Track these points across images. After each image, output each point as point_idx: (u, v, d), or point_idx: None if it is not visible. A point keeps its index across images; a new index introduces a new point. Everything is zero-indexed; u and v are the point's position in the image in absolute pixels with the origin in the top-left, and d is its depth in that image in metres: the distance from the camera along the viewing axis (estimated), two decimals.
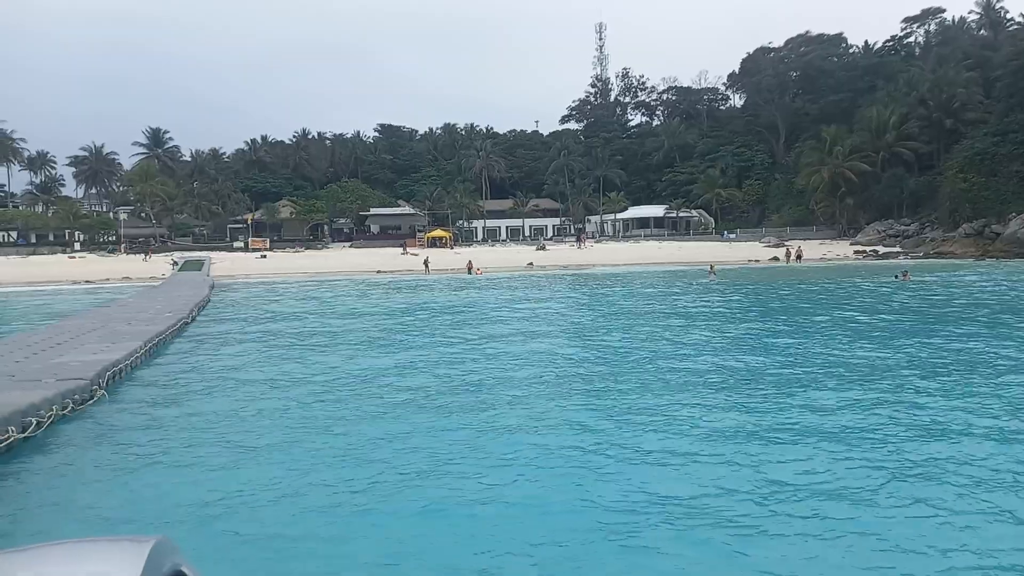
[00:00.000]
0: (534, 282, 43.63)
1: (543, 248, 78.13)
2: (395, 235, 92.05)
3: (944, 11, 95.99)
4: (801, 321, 21.85)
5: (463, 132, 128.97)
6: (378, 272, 57.76)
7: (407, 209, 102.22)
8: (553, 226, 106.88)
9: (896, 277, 36.00)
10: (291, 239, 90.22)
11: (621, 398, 11.68)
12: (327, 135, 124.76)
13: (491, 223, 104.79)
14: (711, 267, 43.59)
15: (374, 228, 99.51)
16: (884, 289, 31.98)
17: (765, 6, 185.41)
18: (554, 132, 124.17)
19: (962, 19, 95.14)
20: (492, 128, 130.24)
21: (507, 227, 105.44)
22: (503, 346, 17.84)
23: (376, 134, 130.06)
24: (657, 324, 21.79)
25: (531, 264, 63.08)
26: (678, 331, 19.79)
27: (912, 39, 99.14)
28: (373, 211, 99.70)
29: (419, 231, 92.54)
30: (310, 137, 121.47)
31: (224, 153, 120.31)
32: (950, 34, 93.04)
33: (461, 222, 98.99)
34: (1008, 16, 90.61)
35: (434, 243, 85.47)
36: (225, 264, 62.32)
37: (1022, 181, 62.28)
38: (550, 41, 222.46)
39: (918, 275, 38.76)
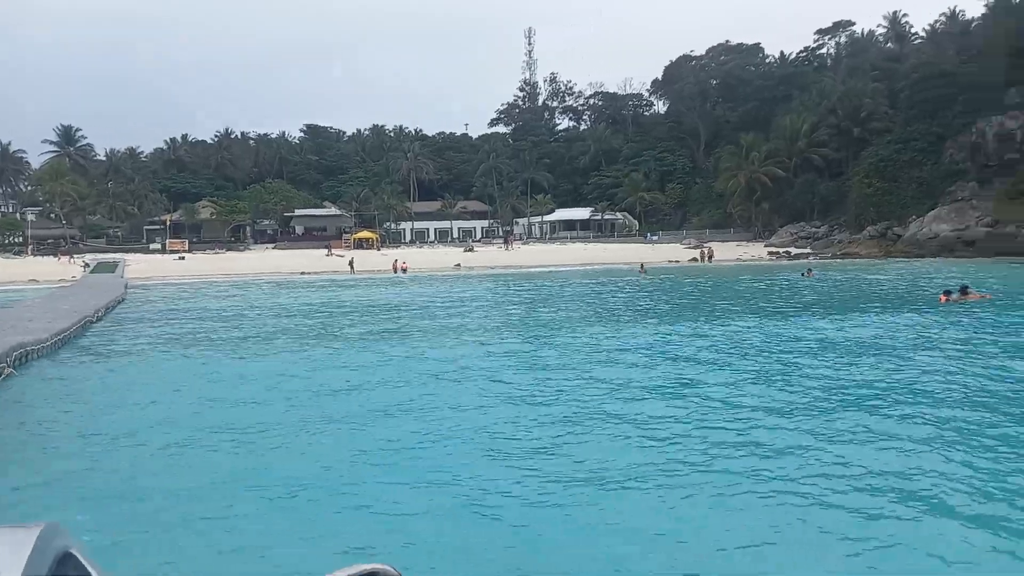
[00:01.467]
0: (459, 282, 43.86)
1: (471, 250, 78.41)
2: (320, 237, 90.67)
3: (854, 24, 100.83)
4: (716, 306, 25.43)
5: (391, 134, 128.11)
6: (302, 273, 56.95)
7: (333, 210, 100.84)
8: (482, 228, 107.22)
9: (802, 275, 37.82)
10: (211, 240, 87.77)
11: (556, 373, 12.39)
12: (251, 135, 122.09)
13: (419, 225, 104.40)
14: (642, 266, 47.51)
15: (299, 229, 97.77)
16: (789, 283, 33.85)
17: (687, 15, 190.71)
18: (483, 135, 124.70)
19: (871, 32, 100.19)
20: (421, 130, 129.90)
21: (435, 229, 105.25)
22: (409, 342, 18.00)
23: (302, 135, 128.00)
24: (591, 312, 22.63)
25: (458, 265, 63.31)
26: (608, 318, 20.51)
27: (824, 51, 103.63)
28: (298, 212, 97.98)
29: (345, 233, 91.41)
30: (233, 137, 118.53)
31: (142, 152, 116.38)
32: (859, 46, 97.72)
33: (388, 224, 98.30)
34: (912, 30, 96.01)
35: (360, 245, 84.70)
36: (141, 266, 60.27)
37: (921, 186, 66.01)
38: (479, 44, 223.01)
39: (824, 272, 40.87)
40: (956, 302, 21.52)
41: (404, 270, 55.77)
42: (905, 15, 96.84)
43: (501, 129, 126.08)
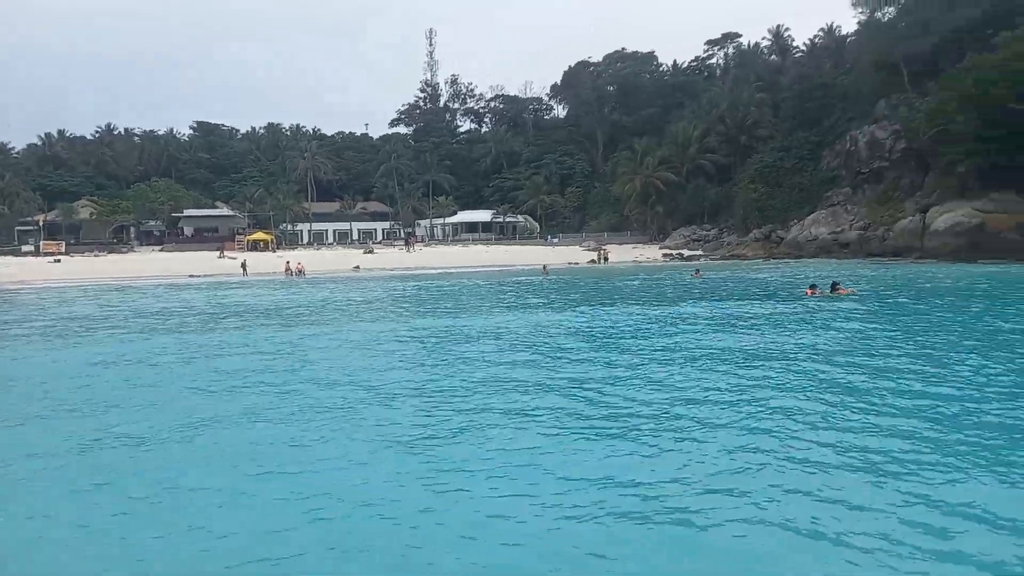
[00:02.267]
0: (358, 284, 43.08)
1: (371, 251, 77.24)
2: (212, 238, 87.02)
3: (741, 36, 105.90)
4: (614, 300, 27.39)
5: (288, 132, 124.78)
6: (190, 276, 54.46)
7: (225, 211, 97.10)
8: (382, 230, 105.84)
9: (692, 275, 39.34)
10: (91, 242, 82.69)
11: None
12: (136, 131, 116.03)
13: (317, 226, 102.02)
14: (544, 267, 49.54)
15: (188, 231, 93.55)
16: (679, 282, 35.23)
17: (585, 21, 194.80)
18: (384, 135, 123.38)
19: (756, 44, 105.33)
20: (319, 129, 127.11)
21: (334, 230, 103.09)
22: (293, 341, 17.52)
23: (192, 132, 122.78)
24: (494, 308, 22.65)
25: (358, 267, 62.21)
26: (513, 310, 20.55)
27: (713, 61, 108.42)
28: (187, 212, 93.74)
29: (239, 234, 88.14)
30: (116, 133, 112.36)
31: (13, 148, 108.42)
32: (745, 58, 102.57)
33: (285, 225, 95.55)
34: (794, 44, 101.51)
35: (255, 246, 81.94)
36: (11, 269, 56.05)
37: (801, 192, 69.90)
38: (380, 44, 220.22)
39: (712, 272, 42.61)
40: (824, 296, 23.41)
41: (300, 272, 54.27)
42: (787, 29, 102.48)
43: (402, 130, 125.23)
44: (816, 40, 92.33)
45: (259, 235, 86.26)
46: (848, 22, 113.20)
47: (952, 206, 49.41)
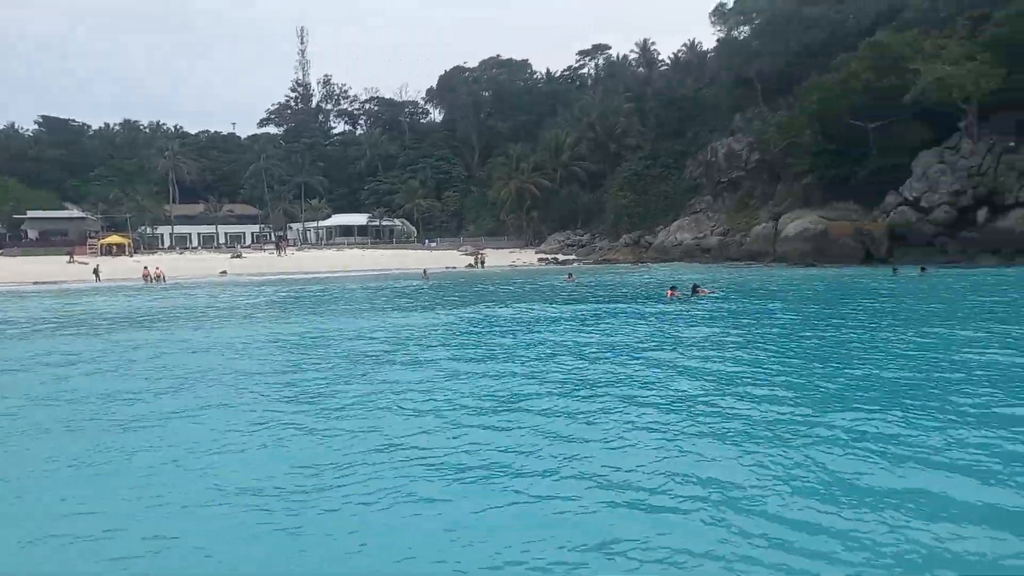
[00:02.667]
0: (223, 289, 41.16)
1: (239, 256, 74.14)
2: (61, 242, 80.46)
3: (610, 48, 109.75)
4: (491, 302, 28.08)
5: (147, 130, 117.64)
6: (34, 283, 50.27)
7: (76, 212, 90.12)
8: (252, 233, 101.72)
9: (565, 279, 40.37)
10: None
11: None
12: None
13: (180, 229, 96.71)
14: (425, 271, 50.00)
15: (33, 234, 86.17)
16: (553, 285, 36.08)
17: (460, 27, 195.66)
18: (252, 135, 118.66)
19: (625, 56, 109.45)
20: (182, 127, 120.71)
21: (199, 233, 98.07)
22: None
23: (37, 127, 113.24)
24: (365, 312, 22.08)
25: (224, 272, 59.61)
26: (390, 313, 20.18)
27: (585, 71, 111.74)
28: (31, 214, 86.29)
29: (91, 237, 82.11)
30: None
31: None
32: (614, 69, 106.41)
33: (143, 228, 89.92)
34: (660, 57, 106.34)
35: (110, 250, 76.69)
36: None
37: (668, 199, 73.32)
38: (246, 41, 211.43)
39: (585, 276, 43.90)
40: (686, 298, 24.71)
41: (160, 278, 51.25)
42: (654, 43, 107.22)
43: (272, 130, 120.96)
44: (680, 55, 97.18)
45: (114, 239, 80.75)
46: (708, 39, 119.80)
47: (800, 214, 53.38)
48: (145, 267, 53.69)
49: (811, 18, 62.56)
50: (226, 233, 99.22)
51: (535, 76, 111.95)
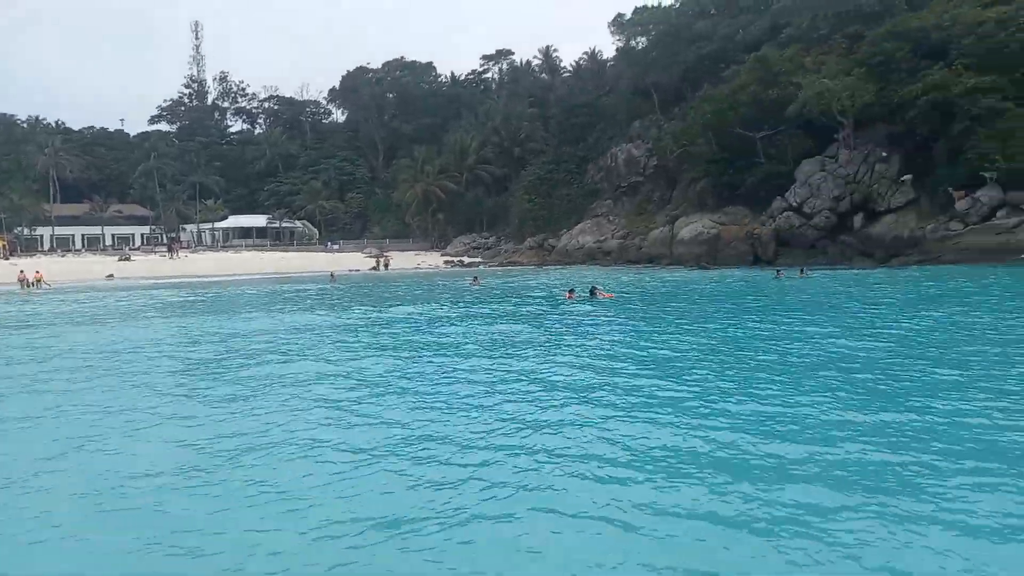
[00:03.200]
0: (107, 295, 39.11)
1: (127, 258, 70.55)
2: None
3: (514, 53, 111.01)
4: (397, 303, 28.42)
5: (24, 124, 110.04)
6: None
7: None
8: (142, 235, 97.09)
9: (470, 282, 40.59)
10: None
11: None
12: None
13: (62, 230, 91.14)
14: (332, 274, 49.38)
15: None
16: (459, 288, 36.30)
17: (362, 26, 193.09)
18: (143, 132, 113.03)
19: (528, 62, 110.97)
20: (64, 123, 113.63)
21: (83, 235, 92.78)
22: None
23: None
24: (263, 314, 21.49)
25: (111, 276, 56.63)
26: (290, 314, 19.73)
27: (489, 75, 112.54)
28: None
29: None
30: None
31: None
32: (518, 74, 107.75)
33: (20, 228, 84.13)
34: (562, 64, 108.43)
35: None
36: None
37: (570, 203, 74.83)
38: (137, 34, 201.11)
39: (489, 279, 44.30)
40: (584, 299, 25.41)
41: (39, 282, 48.12)
42: (556, 50, 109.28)
43: (164, 127, 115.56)
44: (581, 62, 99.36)
45: None
46: (609, 48, 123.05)
47: (694, 218, 55.71)
48: (21, 271, 50.25)
49: (703, 32, 65.45)
50: (113, 235, 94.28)
51: (439, 79, 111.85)
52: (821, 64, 50.86)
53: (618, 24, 75.02)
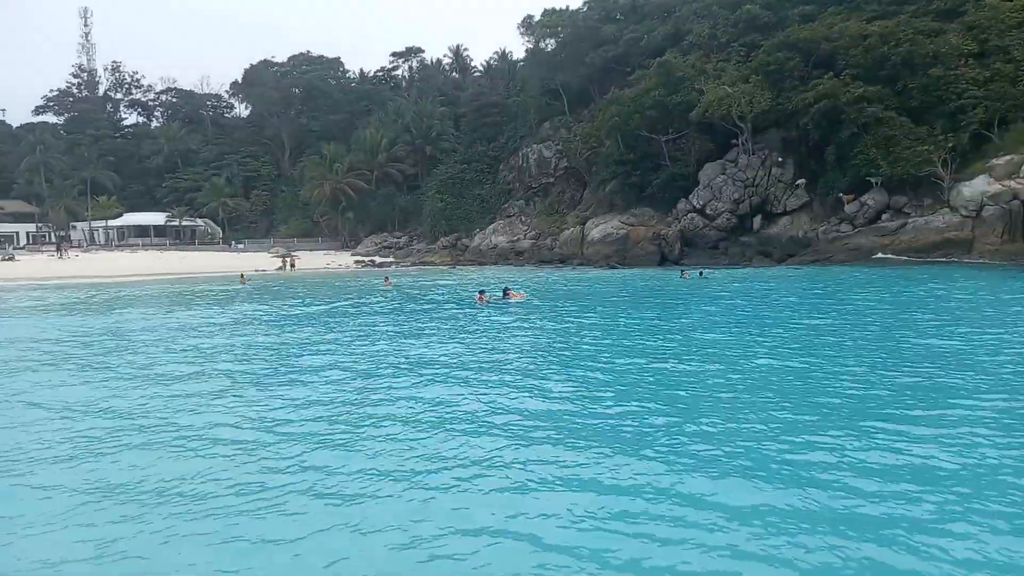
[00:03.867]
0: None
1: (10, 258, 66.14)
2: None
3: (424, 51, 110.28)
4: (308, 303, 28.45)
5: None
6: None
7: None
8: (28, 233, 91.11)
9: (382, 282, 40.20)
10: None
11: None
12: None
13: None
14: (242, 275, 47.12)
15: None
16: (371, 288, 35.90)
17: (266, 19, 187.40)
18: (27, 124, 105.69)
19: (438, 60, 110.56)
20: None
21: None
22: None
23: None
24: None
25: None
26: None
27: (399, 72, 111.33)
28: None
29: None
30: None
31: None
32: (428, 72, 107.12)
33: None
34: (473, 64, 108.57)
35: None
36: None
37: (483, 203, 75.02)
38: (19, 19, 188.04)
39: (401, 279, 43.98)
40: (497, 302, 25.44)
41: None
42: (466, 49, 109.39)
43: (51, 119, 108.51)
44: (491, 62, 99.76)
45: None
46: (519, 49, 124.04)
47: (604, 219, 56.99)
48: None
49: (609, 36, 66.87)
50: None
51: (348, 75, 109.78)
52: (721, 71, 53.06)
53: (527, 25, 75.72)
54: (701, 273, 36.98)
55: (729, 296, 26.73)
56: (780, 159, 50.15)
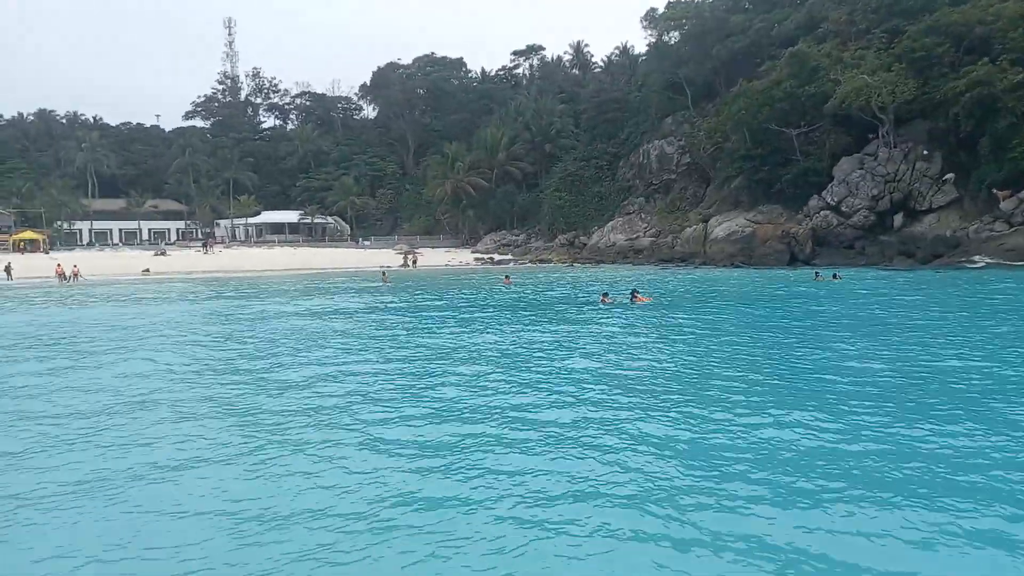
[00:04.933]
0: (144, 290, 39.70)
1: (163, 253, 71.64)
2: None
3: (544, 49, 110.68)
4: (452, 304, 27.64)
5: (63, 120, 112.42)
6: None
7: None
8: (177, 230, 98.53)
9: (502, 281, 40.53)
10: None
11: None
12: None
13: (100, 225, 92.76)
14: (384, 273, 48.22)
15: None
16: (491, 288, 36.21)
17: (393, 23, 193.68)
18: (178, 128, 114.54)
19: (559, 57, 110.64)
20: (101, 118, 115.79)
21: (120, 230, 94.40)
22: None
23: None
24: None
25: (147, 271, 57.56)
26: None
27: (519, 70, 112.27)
28: None
29: (2, 233, 78.05)
30: None
31: None
32: (549, 70, 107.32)
33: (60, 223, 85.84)
34: (593, 60, 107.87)
35: (23, 247, 73.07)
36: None
37: (602, 200, 74.35)
38: (171, 31, 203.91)
39: (521, 277, 44.17)
40: (623, 304, 24.88)
41: (76, 276, 49.14)
42: (587, 45, 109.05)
43: (199, 123, 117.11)
44: (612, 57, 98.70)
45: (28, 234, 76.93)
46: (640, 43, 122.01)
47: (729, 216, 55.00)
48: (59, 265, 51.34)
49: (737, 26, 64.48)
50: (150, 230, 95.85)
51: (470, 75, 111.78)
52: (860, 59, 49.80)
53: (650, 19, 74.15)
54: (835, 275, 34.87)
55: (880, 306, 24.35)
56: (926, 152, 46.55)
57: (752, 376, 12.94)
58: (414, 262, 65.04)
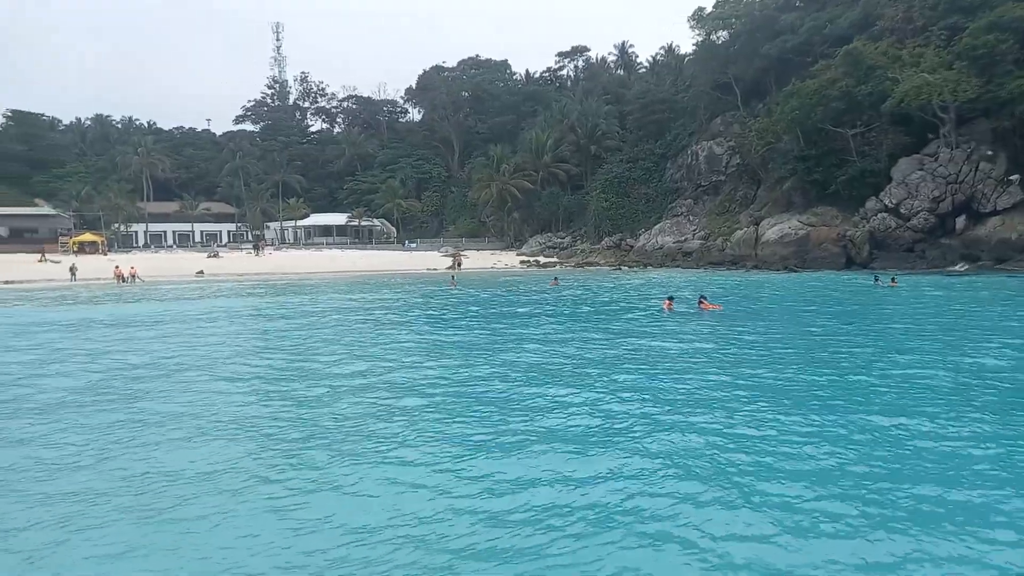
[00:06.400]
0: (199, 292, 40.56)
1: (216, 255, 73.14)
2: (31, 240, 79.00)
3: (589, 50, 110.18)
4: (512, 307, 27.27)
5: (119, 125, 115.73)
6: (5, 283, 49.15)
7: (47, 209, 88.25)
8: (229, 232, 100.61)
9: (550, 283, 40.41)
10: None
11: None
12: None
13: (155, 227, 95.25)
14: (452, 277, 48.70)
15: (2, 231, 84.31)
16: (539, 289, 36.05)
17: (438, 26, 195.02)
18: (228, 132, 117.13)
19: (603, 59, 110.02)
20: (155, 123, 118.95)
21: (174, 232, 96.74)
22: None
23: (5, 120, 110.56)
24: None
25: (201, 272, 58.70)
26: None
27: (564, 72, 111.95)
28: (1, 211, 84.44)
29: (63, 235, 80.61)
30: None
31: None
32: (593, 71, 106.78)
33: (117, 226, 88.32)
34: (638, 60, 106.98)
35: (83, 248, 75.34)
36: None
37: (648, 202, 73.70)
38: (220, 36, 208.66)
39: (568, 280, 43.96)
40: (691, 311, 24.22)
41: (134, 277, 50.47)
42: (632, 46, 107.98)
43: (248, 127, 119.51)
44: (658, 58, 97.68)
45: (87, 237, 79.33)
46: (686, 42, 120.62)
47: (781, 218, 53.99)
48: (117, 266, 52.78)
49: (788, 25, 63.27)
50: (202, 232, 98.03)
51: (514, 77, 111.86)
52: (919, 57, 48.46)
53: (698, 18, 73.15)
54: (893, 280, 33.87)
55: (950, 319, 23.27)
56: (990, 152, 45.08)
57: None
58: (459, 264, 65.31)
